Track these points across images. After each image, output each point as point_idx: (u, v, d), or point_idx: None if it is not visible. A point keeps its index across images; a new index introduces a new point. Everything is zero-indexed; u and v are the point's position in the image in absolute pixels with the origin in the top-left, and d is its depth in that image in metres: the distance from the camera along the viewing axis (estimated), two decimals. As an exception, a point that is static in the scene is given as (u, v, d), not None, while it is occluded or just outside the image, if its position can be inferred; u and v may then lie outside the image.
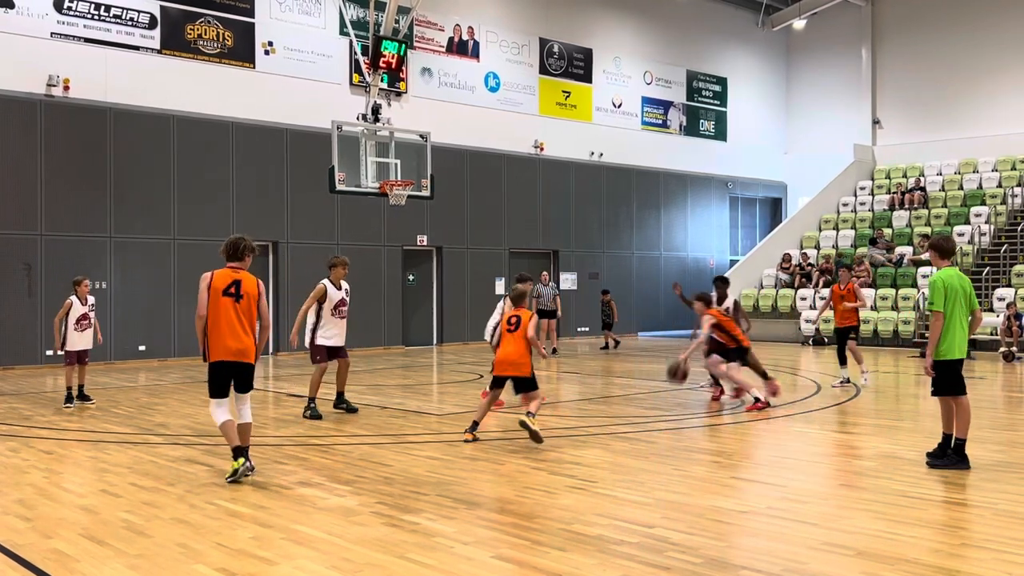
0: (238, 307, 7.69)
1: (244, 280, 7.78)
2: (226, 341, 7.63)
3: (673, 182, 29.52)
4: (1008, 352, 18.63)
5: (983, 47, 28.53)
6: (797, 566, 5.29)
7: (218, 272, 7.81)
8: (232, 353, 7.64)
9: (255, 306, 7.81)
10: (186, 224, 19.62)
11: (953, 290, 7.97)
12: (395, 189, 15.91)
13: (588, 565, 5.32)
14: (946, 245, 8.23)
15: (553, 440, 9.60)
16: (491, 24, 25.14)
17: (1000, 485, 7.36)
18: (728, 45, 31.61)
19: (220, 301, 7.66)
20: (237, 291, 7.71)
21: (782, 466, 8.19)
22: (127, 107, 18.93)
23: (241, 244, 7.91)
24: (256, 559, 5.49)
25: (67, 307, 12.24)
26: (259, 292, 7.87)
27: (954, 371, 8.00)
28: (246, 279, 7.80)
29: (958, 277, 8.07)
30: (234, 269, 7.84)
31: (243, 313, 7.71)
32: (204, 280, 7.77)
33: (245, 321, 7.72)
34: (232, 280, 7.74)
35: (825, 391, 13.73)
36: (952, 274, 8.05)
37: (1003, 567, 5.25)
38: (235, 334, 7.64)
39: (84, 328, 12.36)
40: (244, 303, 7.72)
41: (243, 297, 7.71)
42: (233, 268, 7.85)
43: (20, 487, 7.45)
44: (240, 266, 7.88)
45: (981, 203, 26.15)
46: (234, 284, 7.72)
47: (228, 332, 7.63)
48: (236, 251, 7.89)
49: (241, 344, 7.66)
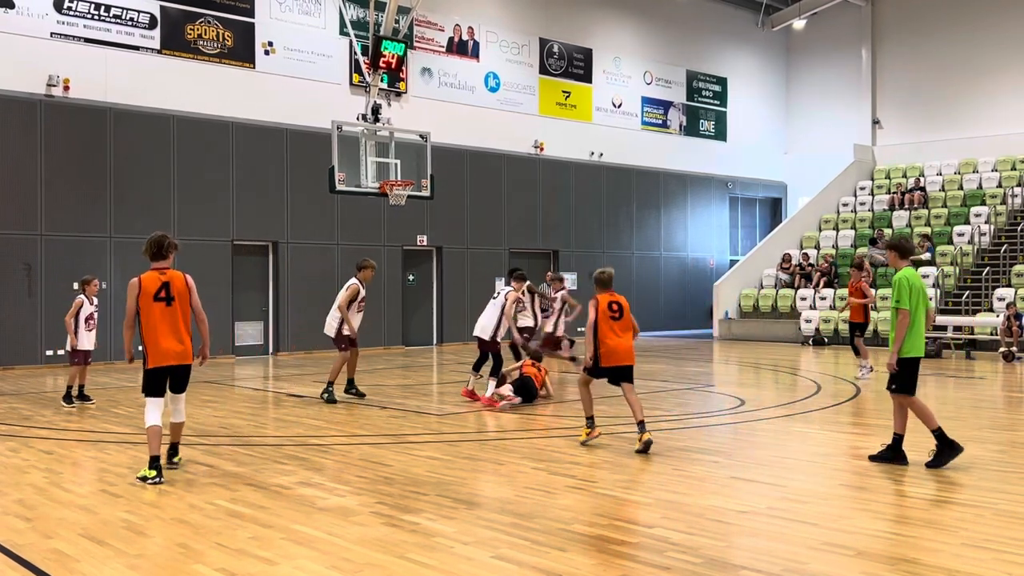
0: (171, 310, 7.70)
1: (173, 280, 7.75)
2: (164, 345, 7.67)
3: (673, 182, 29.52)
4: (1008, 352, 18.63)
5: (983, 47, 28.53)
6: (797, 566, 5.29)
7: (145, 277, 7.74)
8: (173, 356, 7.72)
9: (188, 305, 7.82)
10: (186, 224, 19.61)
11: (916, 289, 8.19)
12: (395, 189, 15.90)
13: (588, 565, 5.32)
14: (906, 245, 8.54)
15: (553, 440, 9.60)
16: (491, 24, 25.15)
17: (1000, 485, 7.36)
18: (728, 45, 31.61)
19: (153, 307, 7.65)
20: (168, 294, 7.69)
21: (782, 466, 8.19)
22: (127, 107, 18.93)
23: (165, 242, 7.84)
24: (256, 559, 5.49)
25: (78, 305, 12.21)
26: (189, 288, 7.84)
27: (914, 369, 8.18)
28: (175, 279, 7.77)
29: (917, 277, 8.36)
30: (160, 271, 7.79)
31: (179, 315, 7.74)
32: (132, 289, 7.70)
33: (181, 323, 7.75)
34: (161, 283, 7.70)
35: (825, 391, 13.73)
36: (913, 273, 8.30)
37: (1003, 567, 5.25)
38: (173, 338, 7.70)
39: (91, 328, 12.34)
40: (176, 304, 7.73)
41: (174, 299, 7.72)
42: (159, 269, 7.80)
43: (20, 487, 7.45)
44: (165, 265, 7.83)
45: (981, 203, 26.15)
46: (163, 287, 7.69)
47: (166, 337, 7.66)
48: (160, 250, 7.82)
49: (181, 347, 7.74)
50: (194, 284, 7.94)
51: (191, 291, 7.85)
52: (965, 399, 13.07)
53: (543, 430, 10.36)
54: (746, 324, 25.96)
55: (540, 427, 10.58)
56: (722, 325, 26.46)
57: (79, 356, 12.24)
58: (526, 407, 11.90)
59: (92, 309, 12.37)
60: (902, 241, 8.56)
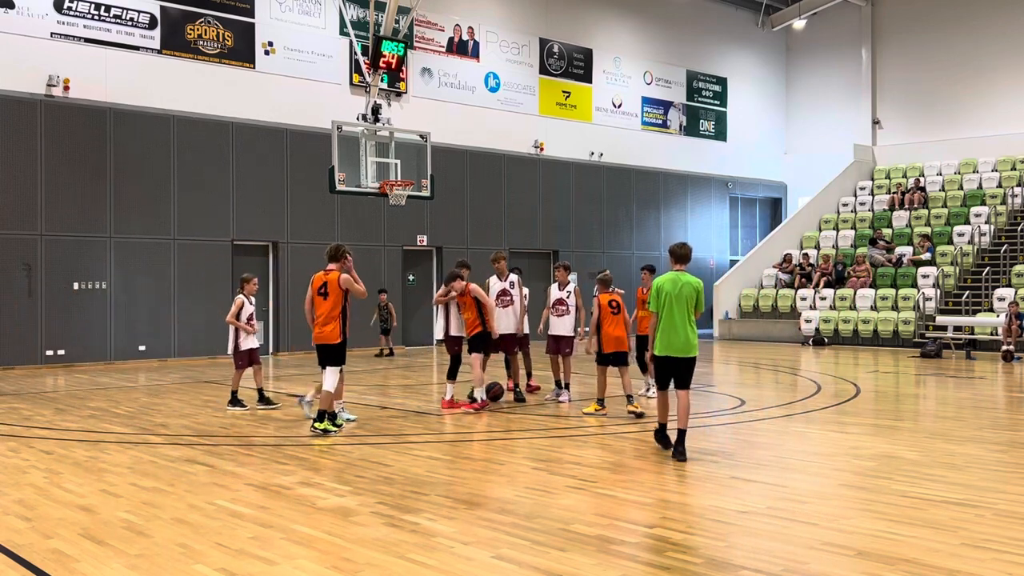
0: (326, 302, 9.92)
1: (330, 280, 10.00)
2: (314, 331, 10.07)
3: (673, 182, 29.52)
4: (1008, 352, 18.63)
5: (983, 47, 28.54)
6: (797, 566, 5.29)
7: (315, 276, 10.16)
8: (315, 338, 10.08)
9: (340, 297, 10.01)
10: (186, 224, 19.62)
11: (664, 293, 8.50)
12: (395, 189, 15.90)
13: (588, 565, 5.32)
14: (679, 251, 8.71)
15: (553, 440, 9.60)
16: (491, 24, 25.15)
17: (1000, 485, 7.37)
18: (728, 45, 31.61)
19: (317, 299, 10.03)
20: (325, 290, 9.89)
21: (782, 466, 8.19)
22: (127, 107, 18.93)
23: (335, 250, 10.18)
24: (256, 559, 5.49)
25: (239, 306, 11.84)
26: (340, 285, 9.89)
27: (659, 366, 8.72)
28: (331, 279, 9.99)
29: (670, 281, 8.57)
30: (326, 271, 9.99)
31: (328, 306, 9.92)
32: None
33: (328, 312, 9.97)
34: (322, 282, 10.01)
35: (825, 391, 13.73)
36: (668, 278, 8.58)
37: (1003, 567, 5.25)
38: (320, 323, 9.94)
39: (253, 327, 11.99)
40: (330, 298, 9.92)
41: (329, 294, 9.91)
42: (326, 270, 10.02)
43: (20, 487, 7.45)
44: (333, 268, 10.00)
45: (981, 203, 26.15)
46: (323, 285, 9.96)
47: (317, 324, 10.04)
48: (336, 254, 10.09)
49: (320, 331, 9.93)
50: (348, 278, 9.88)
51: (341, 286, 9.85)
52: (965, 399, 13.06)
53: (543, 430, 10.35)
54: (746, 324, 25.97)
55: (540, 427, 10.58)
56: (722, 325, 26.47)
57: (242, 357, 11.83)
58: (519, 407, 11.90)
59: (252, 309, 11.99)
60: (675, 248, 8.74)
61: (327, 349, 9.97)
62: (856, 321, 23.21)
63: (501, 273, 12.59)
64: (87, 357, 18.33)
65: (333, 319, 9.89)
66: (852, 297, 23.93)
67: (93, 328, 18.43)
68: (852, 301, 23.88)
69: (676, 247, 8.75)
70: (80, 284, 18.28)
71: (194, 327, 19.61)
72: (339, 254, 10.16)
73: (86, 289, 18.36)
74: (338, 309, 9.92)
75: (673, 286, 8.47)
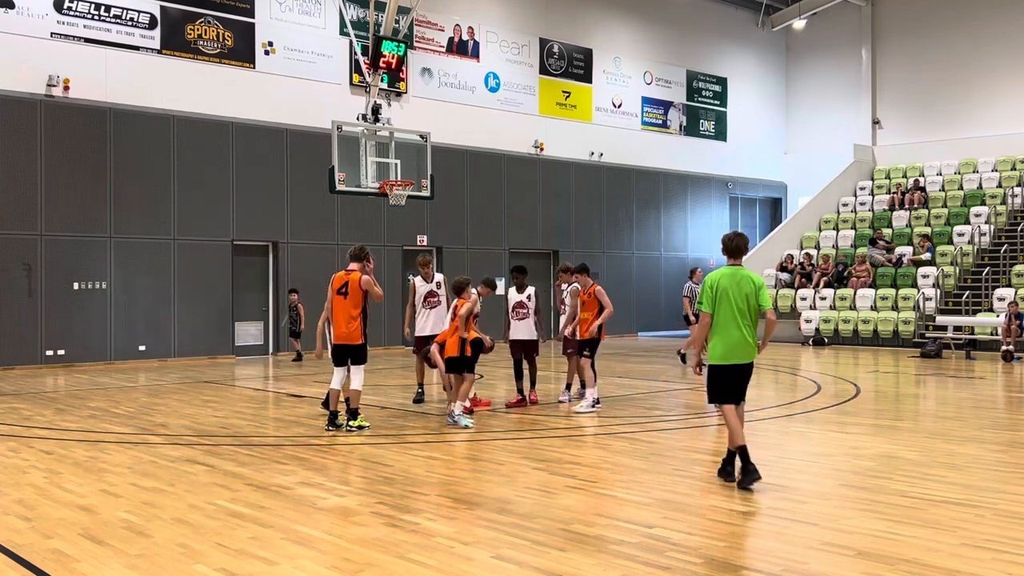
0: (345, 302, 9.95)
1: (350, 280, 10.03)
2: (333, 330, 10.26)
3: (673, 182, 29.52)
4: (1008, 352, 18.63)
5: (983, 47, 28.53)
6: (797, 566, 5.29)
7: (336, 276, 10.18)
8: (336, 338, 10.17)
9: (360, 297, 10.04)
10: (186, 224, 19.62)
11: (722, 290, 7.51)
12: (395, 189, 15.90)
13: (588, 565, 5.32)
14: (731, 244, 7.65)
15: (553, 440, 9.60)
16: (491, 24, 25.14)
17: (1000, 485, 7.36)
18: (728, 45, 31.61)
19: (336, 299, 10.02)
20: (345, 289, 9.99)
21: (782, 466, 8.19)
22: (127, 107, 18.93)
23: (358, 252, 10.20)
24: (256, 559, 5.49)
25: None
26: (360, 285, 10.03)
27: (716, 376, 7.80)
28: (351, 279, 10.05)
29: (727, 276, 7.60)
30: (347, 271, 10.08)
31: (349, 306, 9.96)
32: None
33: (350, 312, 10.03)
34: (343, 281, 10.05)
35: (825, 391, 13.73)
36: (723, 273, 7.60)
37: (1003, 567, 5.25)
38: (342, 322, 9.99)
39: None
40: (349, 297, 9.98)
41: (348, 294, 9.96)
42: (348, 270, 10.10)
43: (20, 487, 7.45)
44: (353, 267, 10.09)
45: (981, 203, 26.14)
46: (344, 284, 10.03)
47: (336, 323, 10.11)
48: (359, 254, 10.15)
49: (343, 330, 10.00)
50: (369, 279, 10.02)
51: (361, 287, 9.97)
52: (965, 399, 13.06)
53: (543, 430, 10.35)
54: (746, 324, 25.89)
55: (540, 427, 10.57)
56: (722, 325, 26.39)
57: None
58: (517, 410, 11.90)
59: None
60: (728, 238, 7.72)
61: (351, 349, 10.06)
62: (856, 321, 23.21)
63: (428, 276, 12.32)
64: (87, 357, 18.33)
65: (355, 319, 9.99)
66: (852, 297, 23.93)
67: (93, 328, 18.42)
68: (852, 301, 23.88)
69: (727, 239, 7.62)
70: (80, 284, 18.28)
71: (194, 327, 19.62)
72: (363, 255, 10.27)
73: (86, 289, 18.35)
74: (359, 309, 10.01)
75: (732, 282, 7.47)
